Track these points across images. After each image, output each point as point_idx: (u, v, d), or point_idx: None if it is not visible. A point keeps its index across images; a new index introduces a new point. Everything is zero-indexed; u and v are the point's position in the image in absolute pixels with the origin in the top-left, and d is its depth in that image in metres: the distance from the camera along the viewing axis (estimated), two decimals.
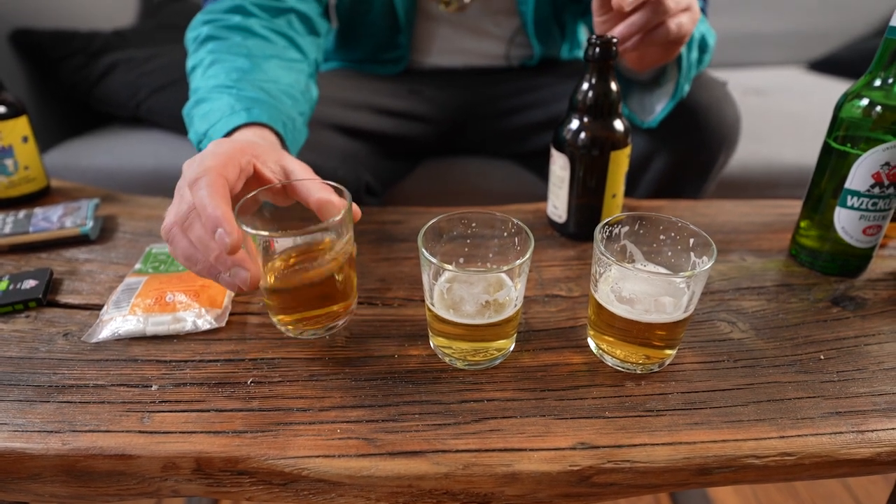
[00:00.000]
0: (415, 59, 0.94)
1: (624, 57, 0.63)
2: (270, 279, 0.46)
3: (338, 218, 0.43)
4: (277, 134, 0.56)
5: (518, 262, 0.41)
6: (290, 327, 0.48)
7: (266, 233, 0.43)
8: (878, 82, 0.50)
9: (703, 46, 0.71)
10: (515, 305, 0.44)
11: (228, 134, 0.54)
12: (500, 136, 0.99)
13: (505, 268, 0.41)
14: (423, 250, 0.42)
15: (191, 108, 0.60)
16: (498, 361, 0.46)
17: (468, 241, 0.48)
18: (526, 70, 0.96)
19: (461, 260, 0.49)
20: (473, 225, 0.48)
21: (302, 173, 0.47)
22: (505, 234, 0.47)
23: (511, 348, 0.47)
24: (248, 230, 0.42)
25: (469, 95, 0.95)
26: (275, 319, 0.49)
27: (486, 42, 0.93)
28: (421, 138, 0.96)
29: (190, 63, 0.66)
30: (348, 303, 0.49)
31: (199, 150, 0.56)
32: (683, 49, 0.65)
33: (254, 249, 0.43)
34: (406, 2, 0.83)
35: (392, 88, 0.92)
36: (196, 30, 0.68)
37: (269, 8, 0.69)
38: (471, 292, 0.44)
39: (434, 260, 0.41)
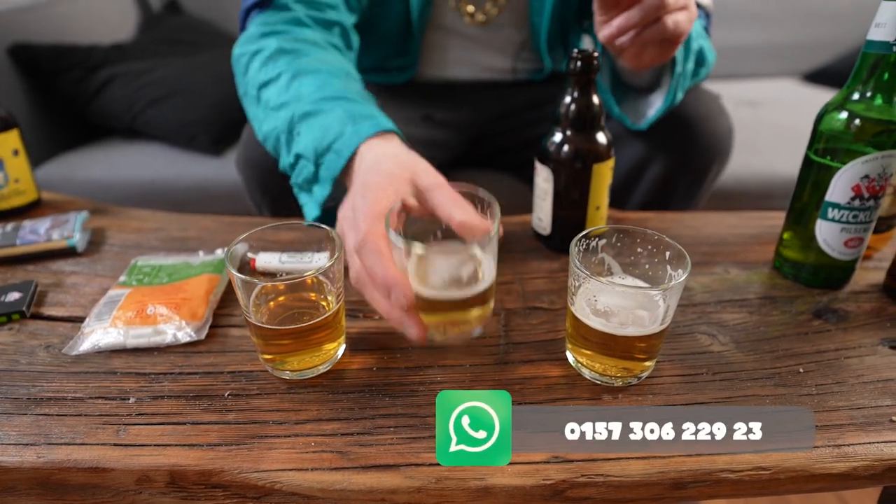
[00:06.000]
0: (422, 71, 0.94)
1: (622, 56, 0.64)
2: (263, 320, 0.45)
3: (480, 241, 0.42)
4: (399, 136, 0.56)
5: (490, 233, 0.41)
6: (269, 364, 0.47)
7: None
8: (856, 95, 0.50)
9: (700, 60, 0.71)
10: (487, 279, 0.44)
11: (358, 146, 0.53)
12: (510, 151, 0.99)
13: (473, 244, 0.40)
14: (391, 233, 0.42)
15: (295, 122, 0.58)
16: (478, 332, 0.46)
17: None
18: (532, 84, 0.97)
19: (438, 234, 0.48)
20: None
21: (436, 189, 0.45)
22: (478, 207, 0.46)
23: (488, 315, 0.47)
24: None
25: (478, 113, 0.95)
26: (261, 358, 0.47)
27: (493, 55, 0.93)
28: (435, 162, 0.96)
29: (261, 76, 0.63)
30: (339, 341, 0.48)
31: (317, 164, 0.56)
32: (679, 55, 0.66)
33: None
34: (422, 12, 0.83)
35: (406, 115, 0.91)
36: (253, 43, 0.66)
37: (319, 20, 0.69)
38: (441, 269, 0.44)
39: (400, 243, 0.41)
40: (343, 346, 0.49)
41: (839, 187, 0.52)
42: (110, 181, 1.23)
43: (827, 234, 0.54)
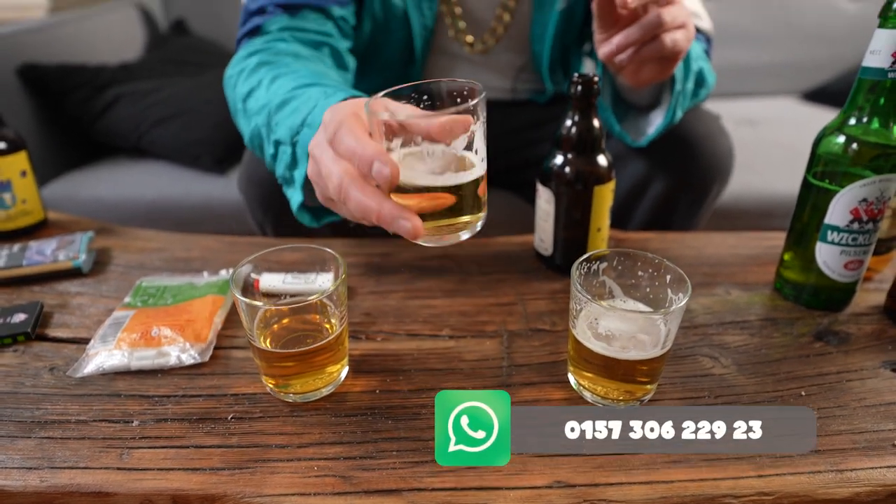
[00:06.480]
0: None
1: (621, 73, 0.65)
2: (266, 343, 0.45)
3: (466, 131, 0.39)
4: None
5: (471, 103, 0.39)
6: (272, 386, 0.47)
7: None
8: (853, 120, 0.51)
9: (700, 81, 0.72)
10: (479, 165, 0.41)
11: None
12: (512, 170, 1.00)
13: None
14: (369, 108, 0.39)
15: (272, 114, 0.58)
16: (466, 235, 0.43)
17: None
18: (534, 104, 0.98)
19: (419, 139, 0.42)
20: (425, 98, 0.44)
21: (408, 108, 0.43)
22: (458, 100, 0.43)
23: (482, 217, 0.44)
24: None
25: None
26: (265, 380, 0.48)
27: (494, 76, 0.94)
28: None
29: (244, 88, 0.64)
30: (342, 364, 0.49)
31: (293, 143, 0.55)
32: (679, 74, 0.67)
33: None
34: (425, 38, 0.85)
35: None
36: (240, 64, 0.68)
37: (306, 41, 0.71)
38: (428, 160, 0.41)
39: (384, 115, 0.39)
40: (346, 369, 0.49)
41: (838, 210, 0.52)
42: (115, 200, 1.24)
43: (827, 256, 0.54)
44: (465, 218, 0.43)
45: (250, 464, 0.41)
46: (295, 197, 0.57)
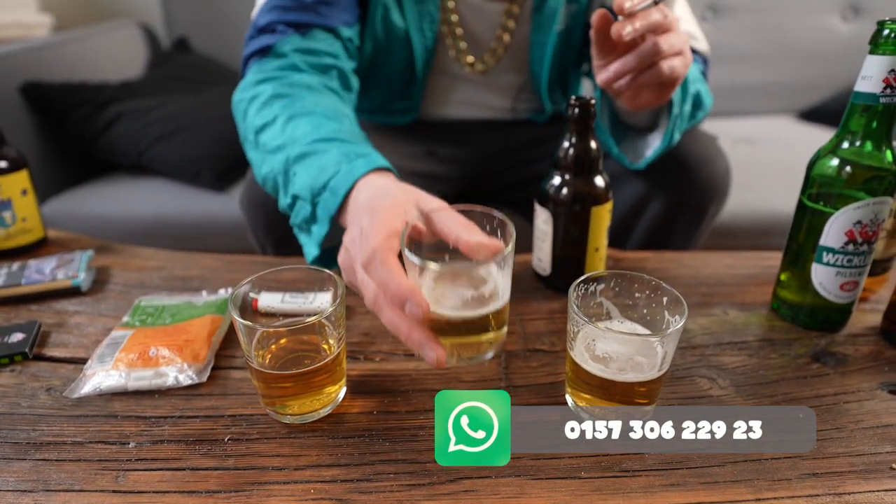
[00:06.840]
0: (424, 111, 0.96)
1: (619, 98, 0.66)
2: (264, 364, 0.46)
3: (492, 260, 0.42)
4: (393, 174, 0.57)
5: (504, 251, 0.42)
6: (270, 408, 0.47)
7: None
8: (846, 144, 0.52)
9: (697, 103, 0.73)
10: (502, 299, 0.44)
11: (354, 184, 0.53)
12: (511, 188, 1.01)
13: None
14: (406, 250, 0.42)
15: (290, 163, 0.59)
16: (489, 355, 0.46)
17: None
18: (534, 123, 0.99)
19: (446, 258, 0.47)
20: None
21: (442, 212, 0.46)
22: (487, 228, 0.46)
23: (503, 338, 0.47)
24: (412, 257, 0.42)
25: (481, 150, 0.97)
26: (262, 401, 0.48)
27: (493, 96, 0.96)
28: (439, 196, 0.98)
29: (257, 120, 0.65)
30: (340, 384, 0.49)
31: (314, 204, 0.56)
32: (676, 97, 0.67)
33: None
34: (425, 58, 0.86)
35: (411, 150, 0.94)
36: (250, 90, 0.68)
37: (316, 65, 0.71)
38: (456, 287, 0.44)
39: (416, 260, 0.41)
40: (344, 389, 0.49)
41: (833, 232, 0.52)
42: (116, 216, 1.24)
43: (822, 277, 0.55)
44: (489, 336, 0.46)
45: (247, 486, 0.41)
46: (310, 250, 0.58)
